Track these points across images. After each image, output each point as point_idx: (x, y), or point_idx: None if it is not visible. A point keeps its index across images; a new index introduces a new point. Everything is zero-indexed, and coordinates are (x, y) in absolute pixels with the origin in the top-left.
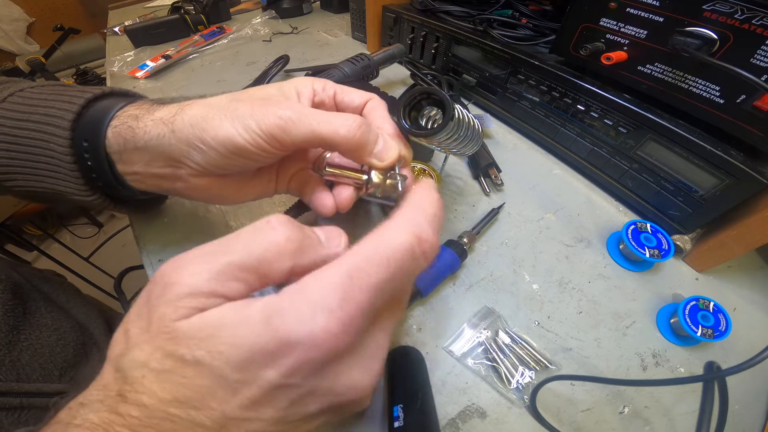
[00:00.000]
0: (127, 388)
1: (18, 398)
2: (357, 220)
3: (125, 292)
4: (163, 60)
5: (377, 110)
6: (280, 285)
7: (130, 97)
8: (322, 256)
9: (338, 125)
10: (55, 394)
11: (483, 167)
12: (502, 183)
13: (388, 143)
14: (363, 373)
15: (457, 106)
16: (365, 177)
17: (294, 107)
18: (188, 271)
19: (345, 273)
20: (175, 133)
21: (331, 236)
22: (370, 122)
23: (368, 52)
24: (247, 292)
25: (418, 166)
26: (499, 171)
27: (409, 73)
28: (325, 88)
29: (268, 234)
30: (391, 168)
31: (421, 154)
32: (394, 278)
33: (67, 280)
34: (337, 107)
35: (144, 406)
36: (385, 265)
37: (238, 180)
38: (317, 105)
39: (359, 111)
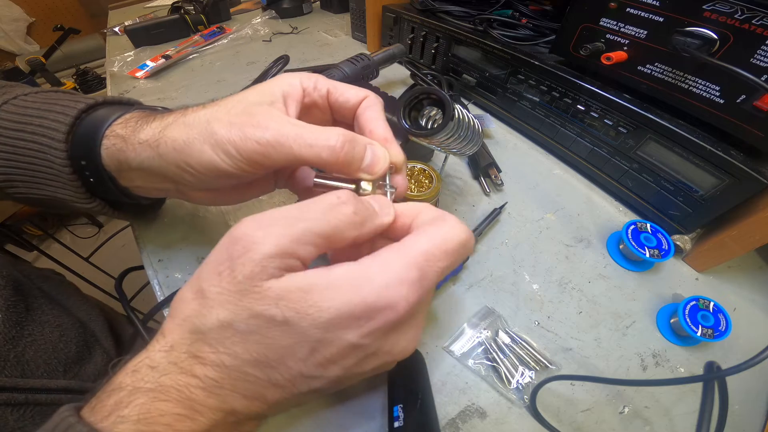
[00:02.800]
0: (206, 350)
1: (23, 394)
2: None
3: (126, 293)
4: (163, 60)
5: (371, 110)
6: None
7: (123, 105)
8: (377, 225)
9: (320, 149)
10: (60, 391)
11: (483, 167)
12: (502, 183)
13: (376, 155)
14: (412, 338)
15: (457, 106)
16: (352, 187)
17: (273, 127)
18: (273, 232)
19: (422, 255)
20: (163, 157)
21: (383, 205)
22: (362, 125)
23: (368, 52)
24: (316, 256)
25: (418, 166)
26: (499, 171)
27: (409, 73)
28: (317, 86)
29: (341, 208)
30: (382, 178)
31: (421, 154)
32: (451, 266)
33: (66, 279)
34: (331, 107)
35: (224, 367)
36: (450, 254)
37: (238, 187)
38: (308, 107)
39: (354, 110)
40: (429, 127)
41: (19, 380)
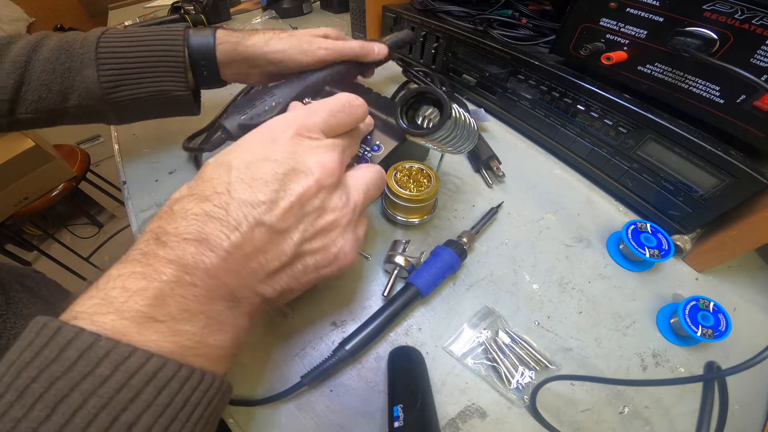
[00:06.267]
0: (221, 190)
1: None
2: None
3: None
4: None
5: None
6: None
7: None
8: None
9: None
10: None
11: (484, 160)
12: (504, 174)
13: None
14: (350, 240)
15: (453, 105)
16: None
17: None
18: (315, 111)
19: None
20: (266, 55)
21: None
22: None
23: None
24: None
25: (416, 166)
26: (500, 162)
27: (400, 69)
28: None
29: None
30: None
31: (418, 154)
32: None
33: (47, 276)
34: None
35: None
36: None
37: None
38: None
39: (340, 50)
40: (426, 125)
41: None
